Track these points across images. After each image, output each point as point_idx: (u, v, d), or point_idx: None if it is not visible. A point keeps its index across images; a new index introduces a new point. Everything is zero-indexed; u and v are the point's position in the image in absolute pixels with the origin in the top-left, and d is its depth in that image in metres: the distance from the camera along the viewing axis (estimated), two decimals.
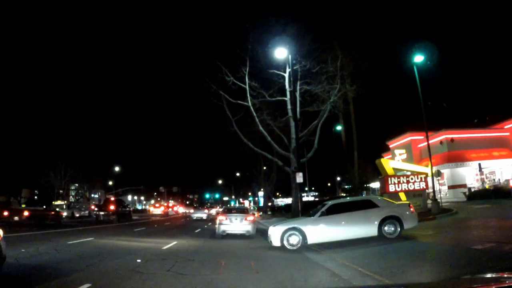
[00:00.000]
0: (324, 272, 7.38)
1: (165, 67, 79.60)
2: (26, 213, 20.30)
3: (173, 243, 12.30)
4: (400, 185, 18.71)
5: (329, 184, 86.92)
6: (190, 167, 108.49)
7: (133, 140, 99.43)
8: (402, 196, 18.64)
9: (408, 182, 18.91)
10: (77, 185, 62.57)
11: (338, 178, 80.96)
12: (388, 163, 19.15)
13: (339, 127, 33.31)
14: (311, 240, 10.77)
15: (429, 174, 20.26)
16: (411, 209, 10.98)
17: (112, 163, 60.73)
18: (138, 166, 78.62)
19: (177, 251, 10.41)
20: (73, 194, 62.42)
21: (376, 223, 10.63)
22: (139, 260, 8.43)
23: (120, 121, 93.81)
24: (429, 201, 20.04)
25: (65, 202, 51.68)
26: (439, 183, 27.83)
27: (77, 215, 36.68)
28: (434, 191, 19.46)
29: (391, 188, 18.51)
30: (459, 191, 30.31)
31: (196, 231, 18.88)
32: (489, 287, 2.31)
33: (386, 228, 10.66)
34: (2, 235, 6.13)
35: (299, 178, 15.98)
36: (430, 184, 20.15)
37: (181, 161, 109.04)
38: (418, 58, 20.22)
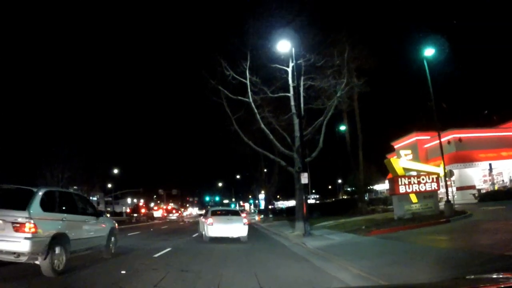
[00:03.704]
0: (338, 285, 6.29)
1: (164, 67, 78.79)
2: None
3: (166, 250, 11.21)
4: (410, 186, 17.59)
5: (329, 187, 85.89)
6: (190, 169, 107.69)
7: (132, 142, 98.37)
8: (413, 197, 17.53)
9: (419, 182, 17.79)
10: (76, 187, 61.40)
11: (340, 181, 79.89)
12: (398, 163, 18.05)
13: (343, 127, 32.22)
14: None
15: (441, 174, 19.20)
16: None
17: (111, 165, 59.64)
18: (137, 169, 77.45)
19: (170, 259, 9.32)
20: None
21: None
22: (123, 272, 7.35)
23: (119, 123, 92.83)
24: (440, 203, 18.97)
25: None
26: (447, 184, 26.74)
27: None
28: (447, 192, 18.39)
29: (402, 189, 17.39)
30: (468, 192, 29.26)
31: (194, 235, 17.78)
32: (489, 287, 2.30)
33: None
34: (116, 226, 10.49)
35: (304, 178, 14.91)
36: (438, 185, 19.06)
37: (180, 163, 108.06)
38: (429, 52, 19.18)
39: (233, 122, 19.27)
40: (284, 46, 16.55)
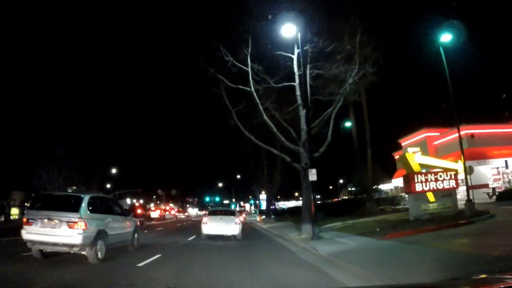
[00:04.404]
0: None
1: (162, 63, 77.29)
2: None
3: (155, 257, 9.59)
4: (427, 183, 16.02)
5: (330, 187, 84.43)
6: (190, 169, 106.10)
7: (131, 142, 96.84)
8: (431, 196, 15.98)
9: (436, 180, 16.23)
10: (75, 187, 60.26)
11: (341, 181, 78.14)
12: (414, 158, 16.49)
13: (348, 123, 30.71)
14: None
15: (459, 170, 17.66)
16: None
17: (109, 165, 58.36)
18: (136, 169, 75.90)
19: (157, 270, 7.74)
20: None
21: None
22: None
23: (118, 123, 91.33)
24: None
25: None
26: (462, 182, 25.22)
27: None
28: (467, 191, 16.84)
29: (418, 187, 15.84)
30: (481, 191, 27.64)
31: (190, 238, 16.19)
32: (489, 287, 2.36)
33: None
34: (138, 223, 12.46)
35: (312, 175, 13.32)
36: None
37: (180, 164, 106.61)
38: (446, 37, 17.62)
39: (233, 115, 17.70)
40: (289, 30, 14.99)
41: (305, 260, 9.43)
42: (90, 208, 8.83)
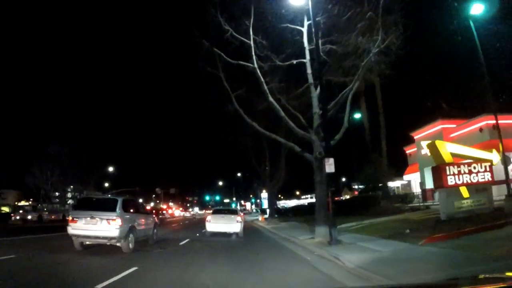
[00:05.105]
0: None
1: (157, 54, 74.92)
2: None
3: (129, 270, 7.16)
4: (461, 176, 13.66)
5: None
6: (189, 168, 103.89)
7: (129, 140, 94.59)
8: (464, 191, 13.62)
9: (470, 172, 13.88)
10: (72, 187, 58.77)
11: (344, 179, 75.55)
12: (445, 147, 14.11)
13: (357, 115, 28.39)
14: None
15: (494, 161, 15.33)
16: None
17: (106, 163, 56.64)
18: (134, 167, 73.65)
19: None
20: (69, 196, 58.54)
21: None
22: None
23: (115, 120, 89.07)
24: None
25: (30, 203, 47.52)
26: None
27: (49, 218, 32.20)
28: (507, 184, 14.52)
29: (450, 181, 13.47)
30: (505, 187, 25.27)
31: (182, 243, 13.75)
32: (489, 287, 2.31)
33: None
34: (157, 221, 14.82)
35: (329, 166, 10.94)
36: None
37: (179, 162, 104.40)
38: (477, 8, 15.31)
39: (232, 99, 15.25)
40: None
41: (328, 275, 7.04)
42: (123, 208, 10.74)
